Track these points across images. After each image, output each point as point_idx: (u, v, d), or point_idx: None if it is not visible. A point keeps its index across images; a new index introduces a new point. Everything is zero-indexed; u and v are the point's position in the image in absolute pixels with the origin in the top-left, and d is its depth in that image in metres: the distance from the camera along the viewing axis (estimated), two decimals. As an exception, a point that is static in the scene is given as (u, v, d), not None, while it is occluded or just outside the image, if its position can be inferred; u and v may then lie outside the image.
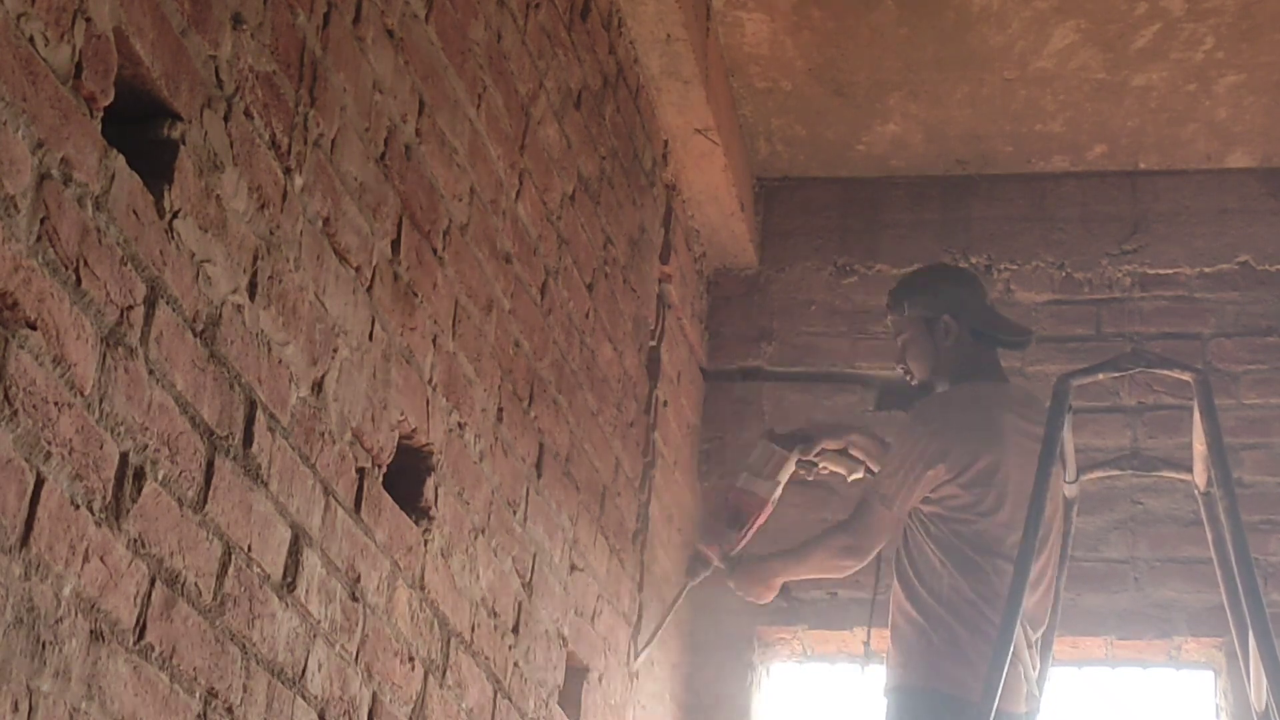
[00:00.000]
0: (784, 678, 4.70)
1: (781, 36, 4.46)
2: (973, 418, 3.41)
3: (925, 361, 3.57)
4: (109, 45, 1.81)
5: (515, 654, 3.15)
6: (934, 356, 3.55)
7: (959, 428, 3.38)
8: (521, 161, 3.24)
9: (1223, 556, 3.12)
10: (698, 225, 4.79)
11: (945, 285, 3.64)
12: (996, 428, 3.38)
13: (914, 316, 3.58)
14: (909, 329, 3.60)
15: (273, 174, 2.20)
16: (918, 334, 3.58)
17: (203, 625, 1.99)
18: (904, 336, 3.61)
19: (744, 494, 3.63)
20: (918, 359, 3.58)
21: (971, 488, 3.32)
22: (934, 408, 3.49)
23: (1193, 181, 4.88)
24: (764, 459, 3.66)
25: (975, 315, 3.58)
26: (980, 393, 3.48)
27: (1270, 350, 4.65)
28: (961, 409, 3.44)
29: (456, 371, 2.88)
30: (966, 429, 3.38)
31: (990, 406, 3.44)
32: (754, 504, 3.63)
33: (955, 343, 3.54)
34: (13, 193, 1.64)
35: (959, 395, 3.48)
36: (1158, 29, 4.34)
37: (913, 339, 3.59)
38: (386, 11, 2.56)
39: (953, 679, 3.23)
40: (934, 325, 3.56)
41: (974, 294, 3.64)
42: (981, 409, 3.43)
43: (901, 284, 3.71)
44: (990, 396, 3.48)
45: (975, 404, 3.44)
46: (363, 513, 2.47)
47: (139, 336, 1.87)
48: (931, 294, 3.60)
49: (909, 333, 3.60)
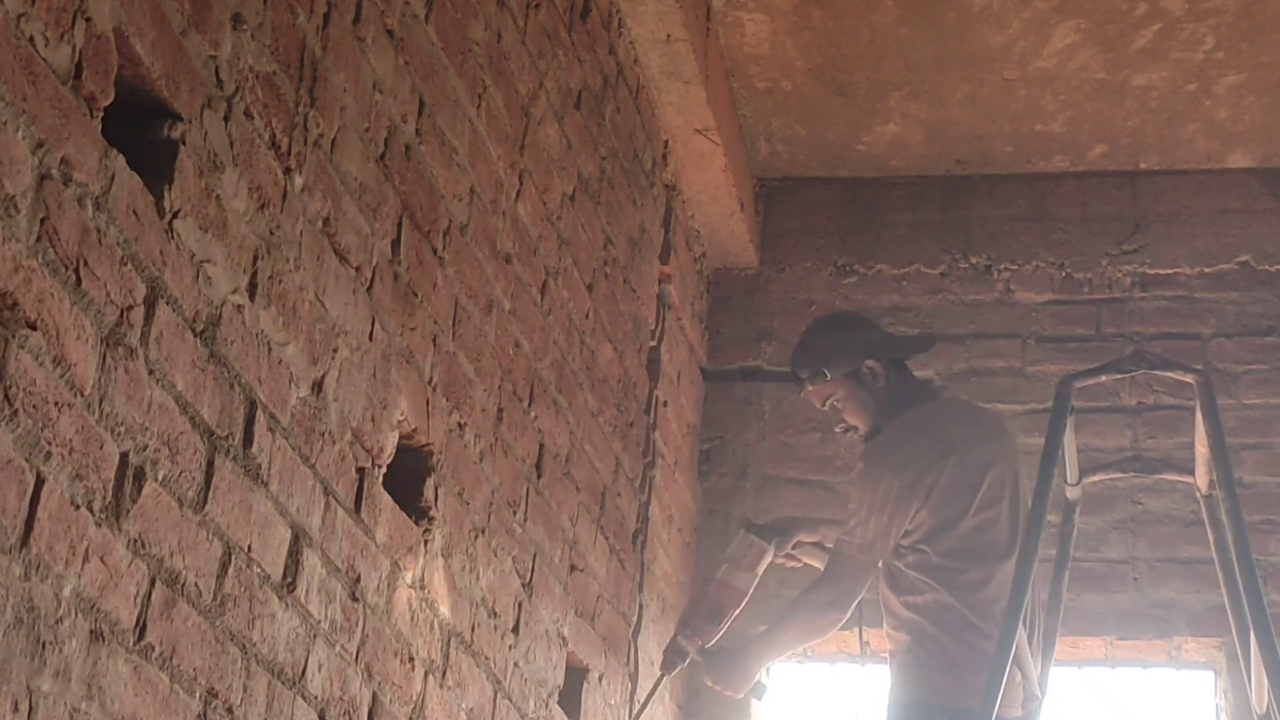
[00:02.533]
0: (784, 678, 4.70)
1: (781, 36, 4.46)
2: (923, 443, 3.45)
3: (866, 413, 3.59)
4: (109, 45, 1.81)
5: (515, 654, 3.15)
6: (872, 404, 3.58)
7: (915, 457, 3.41)
8: (521, 161, 3.24)
9: (1224, 557, 3.13)
10: (698, 225, 4.79)
11: (849, 334, 3.66)
12: (948, 443, 3.41)
13: (837, 378, 3.59)
14: (838, 389, 3.61)
15: (273, 174, 2.19)
16: (850, 391, 3.60)
17: (203, 625, 1.99)
18: (834, 399, 3.62)
19: (724, 586, 3.66)
20: (858, 414, 3.61)
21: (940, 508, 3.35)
22: (885, 446, 3.51)
23: (1193, 181, 4.88)
24: (743, 551, 3.68)
25: (885, 347, 3.62)
26: (923, 417, 3.52)
27: (1270, 350, 4.65)
28: (911, 439, 3.48)
29: (456, 371, 2.88)
30: (921, 456, 3.41)
31: (936, 427, 3.49)
32: (734, 597, 3.65)
33: (884, 383, 3.57)
34: (13, 193, 1.63)
35: (904, 426, 3.51)
36: (1158, 29, 4.34)
37: (847, 397, 3.61)
38: (386, 11, 2.56)
39: (940, 689, 3.26)
40: (860, 376, 3.58)
41: (873, 329, 3.71)
42: (928, 431, 3.47)
43: (806, 353, 3.68)
44: (933, 417, 3.53)
45: (922, 430, 3.48)
46: (363, 513, 2.47)
47: (139, 336, 1.87)
48: (844, 349, 3.61)
49: (839, 393, 3.61)
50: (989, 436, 3.49)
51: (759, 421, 4.81)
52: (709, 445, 4.83)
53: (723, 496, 4.78)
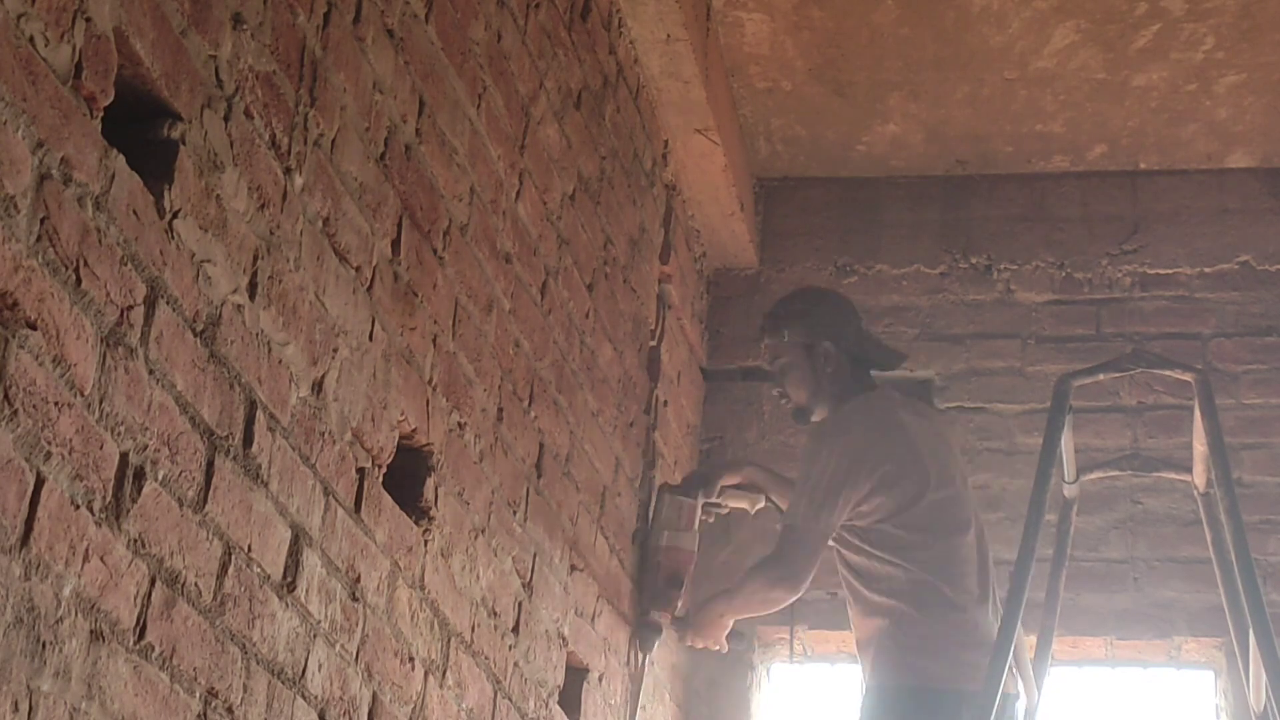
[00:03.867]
0: (784, 678, 4.70)
1: (781, 36, 4.46)
2: (869, 423, 3.48)
3: (804, 388, 3.61)
4: (109, 45, 1.81)
5: (515, 654, 3.15)
6: (813, 383, 3.59)
7: (863, 438, 3.43)
8: (521, 161, 3.24)
9: (1222, 557, 3.13)
10: (698, 225, 4.79)
11: (823, 311, 3.67)
12: (895, 422, 3.45)
13: (793, 343, 3.60)
14: (788, 354, 3.62)
15: (273, 174, 2.20)
16: (797, 359, 3.61)
17: (203, 625, 1.99)
18: (782, 361, 3.63)
19: (673, 551, 3.66)
20: (797, 385, 3.62)
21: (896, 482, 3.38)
22: (832, 427, 3.53)
23: (1193, 181, 4.88)
24: (675, 513, 3.68)
25: (852, 341, 3.63)
26: (870, 403, 3.55)
27: (1270, 350, 4.65)
28: (858, 420, 3.50)
29: (456, 371, 2.88)
30: (869, 434, 3.44)
31: (883, 411, 3.52)
32: (684, 559, 3.66)
33: (835, 369, 3.58)
34: (13, 193, 1.64)
35: (849, 411, 3.53)
36: (1158, 29, 4.34)
37: (792, 364, 3.62)
38: (386, 11, 2.56)
39: (926, 672, 3.27)
40: (813, 351, 3.58)
41: (850, 319, 3.70)
42: (875, 415, 3.51)
43: (779, 307, 3.71)
44: (879, 403, 3.56)
45: (869, 414, 3.51)
46: (363, 513, 2.47)
47: (139, 336, 1.87)
48: (811, 320, 3.62)
49: (788, 358, 3.62)
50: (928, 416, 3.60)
51: (759, 421, 4.81)
52: (709, 445, 4.83)
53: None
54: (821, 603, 4.57)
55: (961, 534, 3.39)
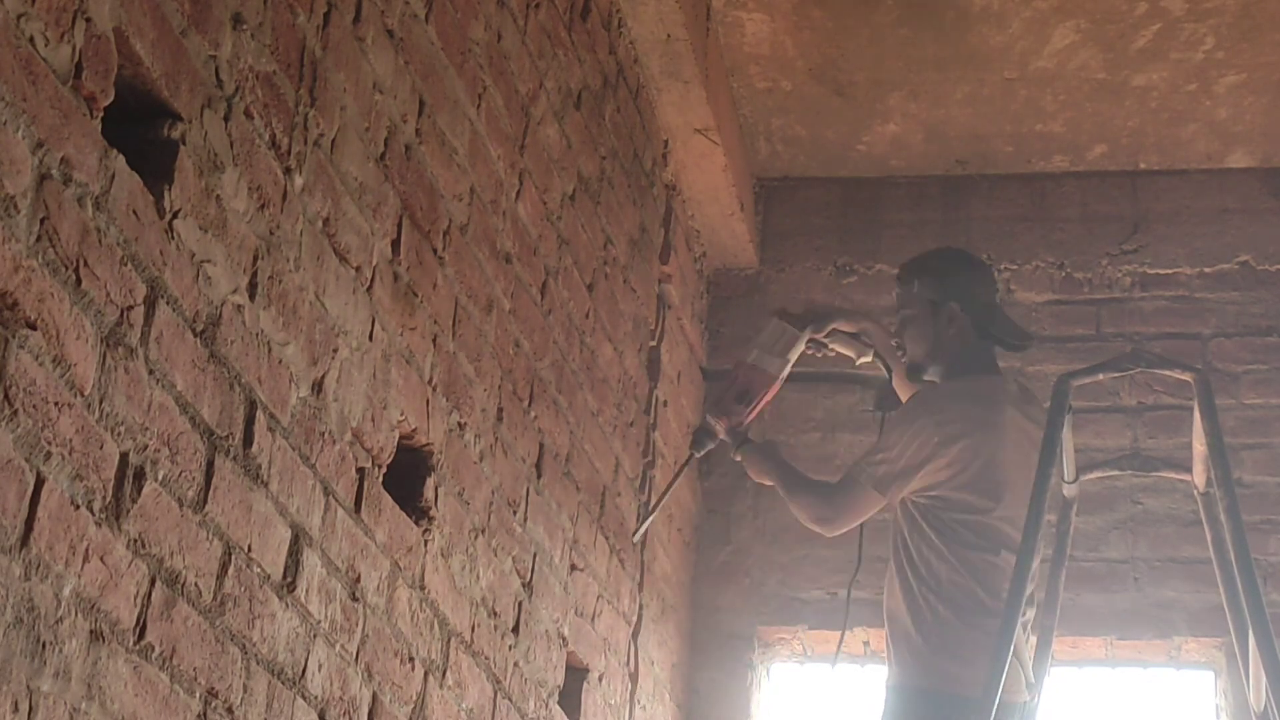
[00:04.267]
0: (784, 678, 4.70)
1: (781, 36, 4.46)
2: (975, 412, 3.39)
3: (923, 344, 3.54)
4: (109, 45, 1.81)
5: (515, 654, 3.15)
6: (932, 341, 3.52)
7: (962, 421, 3.36)
8: (521, 161, 3.24)
9: (1222, 557, 3.13)
10: (698, 225, 4.79)
11: (958, 273, 3.59)
12: (998, 422, 3.36)
13: (921, 296, 3.55)
14: (913, 306, 3.56)
15: (273, 174, 2.20)
16: (921, 314, 3.54)
17: (203, 625, 1.99)
18: (906, 312, 3.57)
19: (754, 370, 3.58)
20: (916, 340, 3.55)
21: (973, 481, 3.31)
22: (937, 399, 3.46)
23: (1193, 181, 4.88)
24: (775, 337, 3.60)
25: (981, 310, 3.55)
26: (981, 387, 3.46)
27: (1270, 350, 4.65)
28: (964, 402, 3.42)
29: (456, 371, 2.88)
30: (969, 422, 3.36)
31: (992, 401, 3.42)
32: (763, 381, 3.57)
33: (957, 332, 3.51)
34: (13, 193, 1.64)
35: (961, 388, 3.46)
36: (1158, 29, 4.34)
37: (915, 318, 3.55)
38: (386, 11, 2.56)
39: (952, 677, 3.22)
40: (939, 310, 3.52)
41: (985, 288, 3.60)
42: (983, 404, 3.41)
43: (917, 260, 3.64)
44: (991, 391, 3.46)
45: (977, 398, 3.42)
46: (363, 513, 2.47)
47: (139, 336, 1.87)
48: (943, 278, 3.55)
49: (912, 310, 3.56)
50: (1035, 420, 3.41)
51: (759, 421, 4.80)
52: (709, 445, 4.83)
53: (723, 496, 4.78)
54: (821, 603, 4.58)
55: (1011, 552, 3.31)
